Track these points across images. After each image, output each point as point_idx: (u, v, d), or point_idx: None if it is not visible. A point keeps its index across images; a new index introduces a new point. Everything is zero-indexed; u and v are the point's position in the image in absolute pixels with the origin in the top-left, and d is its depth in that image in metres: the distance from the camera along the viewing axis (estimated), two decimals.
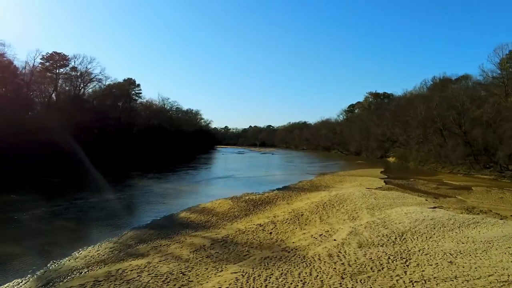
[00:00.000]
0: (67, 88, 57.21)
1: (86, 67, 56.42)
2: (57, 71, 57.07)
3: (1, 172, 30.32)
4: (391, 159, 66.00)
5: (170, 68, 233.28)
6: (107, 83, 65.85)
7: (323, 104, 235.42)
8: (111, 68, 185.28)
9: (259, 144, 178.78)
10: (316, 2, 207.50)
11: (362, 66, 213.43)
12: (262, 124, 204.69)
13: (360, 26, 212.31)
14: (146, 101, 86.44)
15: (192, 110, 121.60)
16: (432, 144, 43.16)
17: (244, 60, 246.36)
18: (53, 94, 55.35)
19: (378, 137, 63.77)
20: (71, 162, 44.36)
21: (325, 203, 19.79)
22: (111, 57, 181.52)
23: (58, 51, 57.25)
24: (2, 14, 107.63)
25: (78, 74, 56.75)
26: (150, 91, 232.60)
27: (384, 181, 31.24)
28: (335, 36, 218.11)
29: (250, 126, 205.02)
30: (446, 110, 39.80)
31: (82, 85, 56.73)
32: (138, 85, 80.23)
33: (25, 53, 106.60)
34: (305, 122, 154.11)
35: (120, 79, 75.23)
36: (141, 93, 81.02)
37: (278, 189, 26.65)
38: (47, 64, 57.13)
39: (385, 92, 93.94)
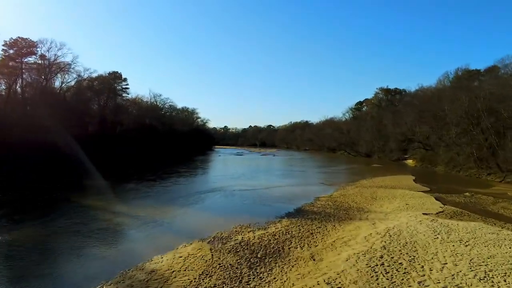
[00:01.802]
0: (34, 79, 47.67)
1: (55, 55, 46.93)
2: (23, 59, 47.76)
3: None
4: (410, 162, 56.55)
5: (169, 67, 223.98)
6: (86, 75, 56.41)
7: (324, 104, 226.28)
8: (108, 68, 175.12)
9: (259, 144, 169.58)
10: (316, 1, 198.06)
11: (363, 65, 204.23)
12: (262, 124, 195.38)
13: (360, 24, 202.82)
14: (135, 97, 76.92)
15: (188, 108, 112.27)
16: (477, 144, 33.73)
17: (244, 60, 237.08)
18: (17, 86, 46.21)
19: (397, 136, 54.17)
20: (28, 167, 35.57)
21: (381, 257, 10.42)
22: (110, 57, 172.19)
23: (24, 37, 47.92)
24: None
25: (47, 63, 47.23)
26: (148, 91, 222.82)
27: (436, 198, 21.79)
28: (335, 35, 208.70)
29: (250, 126, 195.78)
30: (501, 101, 30.41)
31: (50, 76, 47.03)
32: (125, 79, 70.78)
33: None
34: (307, 122, 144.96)
35: (105, 73, 65.72)
36: (128, 88, 71.51)
37: (288, 214, 17.30)
38: (11, 51, 47.82)
39: (397, 88, 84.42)
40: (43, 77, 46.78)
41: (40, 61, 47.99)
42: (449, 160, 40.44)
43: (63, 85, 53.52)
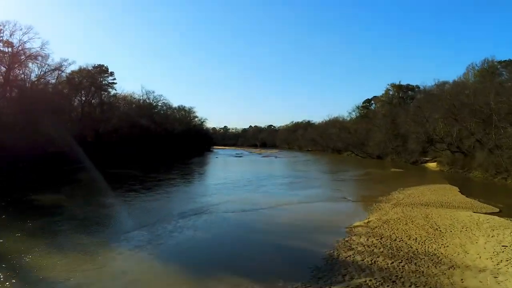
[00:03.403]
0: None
1: (20, 40, 39.25)
2: None
3: None
4: (432, 166, 48.85)
5: (166, 67, 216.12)
6: (63, 67, 48.63)
7: (325, 103, 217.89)
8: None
9: (260, 144, 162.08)
10: None
11: (365, 63, 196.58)
12: (262, 124, 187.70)
13: (361, 22, 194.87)
14: (124, 94, 69.20)
15: (185, 107, 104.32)
16: None
17: (244, 59, 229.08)
18: None
19: (419, 136, 46.25)
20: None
21: None
22: (106, 56, 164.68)
23: None
24: None
25: (10, 51, 39.55)
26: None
27: None
28: (335, 33, 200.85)
29: (250, 126, 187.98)
30: None
31: (13, 65, 39.30)
32: (112, 73, 63.26)
33: None
34: (309, 122, 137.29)
35: (87, 65, 57.95)
36: (115, 83, 63.85)
37: (315, 274, 9.59)
38: None
39: (409, 84, 76.77)
40: (4, 66, 39.04)
41: (3, 48, 40.40)
42: (492, 165, 32.70)
43: (41, 79, 46.14)
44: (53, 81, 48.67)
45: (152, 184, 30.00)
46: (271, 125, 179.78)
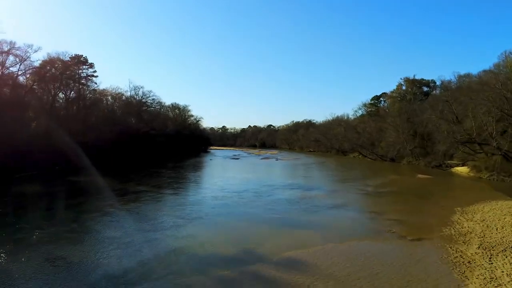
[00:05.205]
0: None
1: None
2: None
3: None
4: (463, 171, 40.73)
5: (165, 67, 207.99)
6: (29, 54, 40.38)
7: (326, 102, 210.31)
8: (110, 72, 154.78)
9: (259, 145, 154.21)
10: None
11: (365, 61, 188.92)
12: (261, 124, 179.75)
13: (361, 24, 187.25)
14: (107, 89, 60.84)
15: (179, 105, 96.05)
16: None
17: (243, 59, 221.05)
18: None
19: (455, 136, 37.83)
20: None
21: None
22: (109, 60, 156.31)
23: None
24: None
25: None
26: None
27: None
28: (336, 34, 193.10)
29: (249, 126, 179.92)
30: None
31: None
32: (92, 65, 54.84)
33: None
34: (310, 121, 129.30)
35: (58, 54, 49.59)
36: (96, 76, 55.41)
37: None
38: None
39: (423, 79, 68.84)
40: None
41: None
42: None
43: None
44: (15, 70, 40.62)
45: (122, 200, 21.60)
46: (271, 125, 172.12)
